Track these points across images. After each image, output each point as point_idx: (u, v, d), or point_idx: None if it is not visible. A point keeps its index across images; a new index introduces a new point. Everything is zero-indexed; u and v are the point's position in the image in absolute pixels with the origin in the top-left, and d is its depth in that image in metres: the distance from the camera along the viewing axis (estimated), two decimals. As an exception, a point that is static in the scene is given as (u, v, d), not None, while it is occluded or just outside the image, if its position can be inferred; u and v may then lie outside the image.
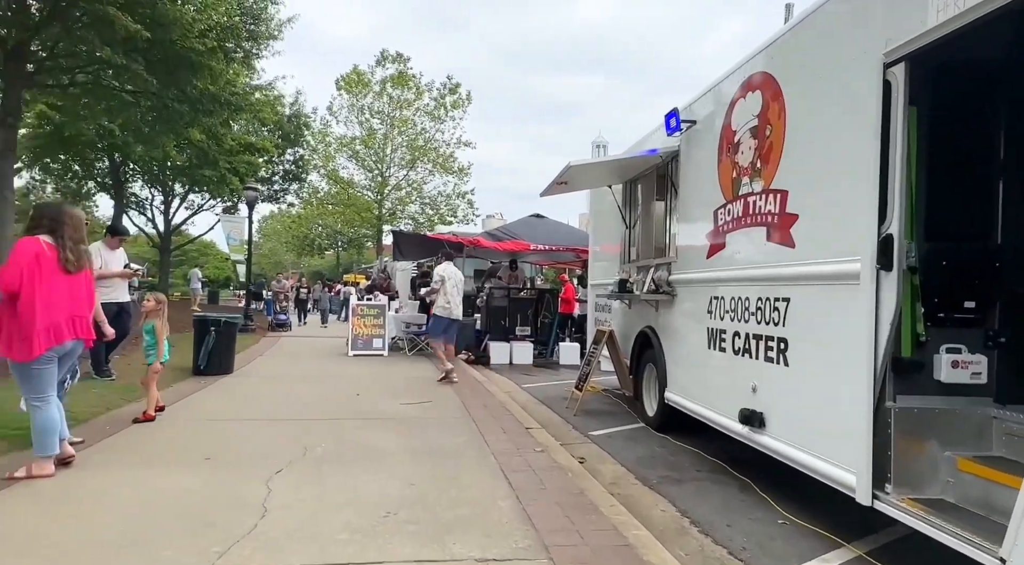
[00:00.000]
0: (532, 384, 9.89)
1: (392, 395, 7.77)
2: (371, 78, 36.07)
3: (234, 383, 8.40)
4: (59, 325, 4.05)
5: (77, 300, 4.24)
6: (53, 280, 4.06)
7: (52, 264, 4.05)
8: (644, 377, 6.91)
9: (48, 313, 3.99)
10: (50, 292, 4.02)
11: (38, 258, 4.00)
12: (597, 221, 9.23)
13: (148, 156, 23.42)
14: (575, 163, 5.97)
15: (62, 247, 4.11)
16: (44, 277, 4.00)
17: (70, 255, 4.14)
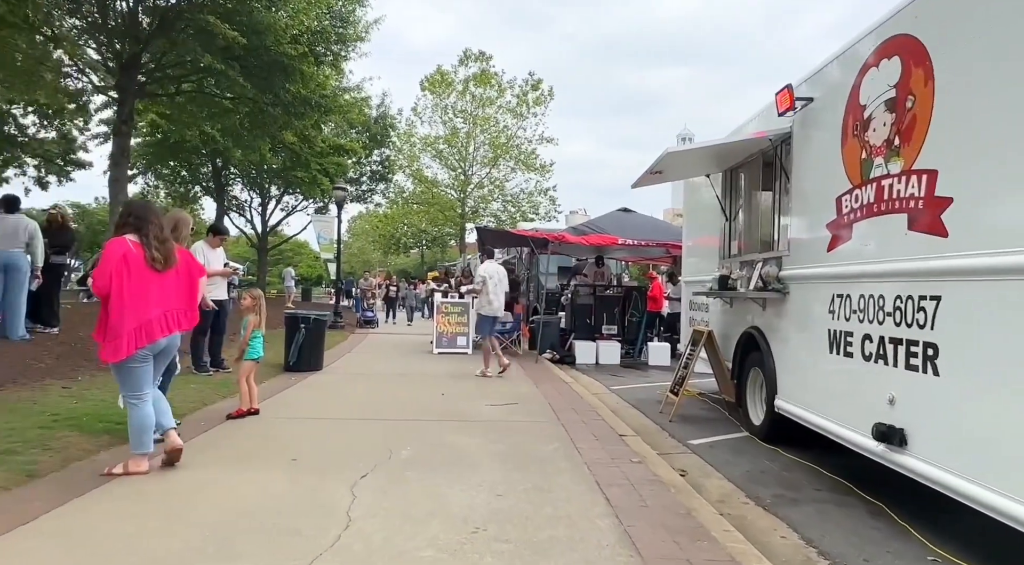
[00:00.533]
0: (621, 386, 9.44)
1: (477, 395, 7.56)
2: (454, 77, 36.40)
3: (322, 380, 8.47)
4: (150, 324, 3.99)
5: (170, 297, 4.18)
6: (141, 279, 4.00)
7: (139, 263, 4.00)
8: (748, 382, 6.33)
9: (137, 313, 3.95)
10: (139, 292, 3.97)
11: (125, 258, 3.95)
12: (692, 214, 8.65)
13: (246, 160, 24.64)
14: (673, 149, 5.51)
15: (148, 246, 4.03)
16: (132, 277, 3.95)
17: (156, 254, 4.05)
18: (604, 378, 10.24)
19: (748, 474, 4.96)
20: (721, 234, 7.32)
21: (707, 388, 8.54)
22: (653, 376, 10.76)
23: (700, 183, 8.12)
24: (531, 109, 36.87)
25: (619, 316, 13.17)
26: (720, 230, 7.35)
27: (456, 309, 12.78)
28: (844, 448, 4.47)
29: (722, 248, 7.31)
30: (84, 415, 5.26)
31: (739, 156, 6.61)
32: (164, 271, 4.13)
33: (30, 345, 7.80)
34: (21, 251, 8.12)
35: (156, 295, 4.09)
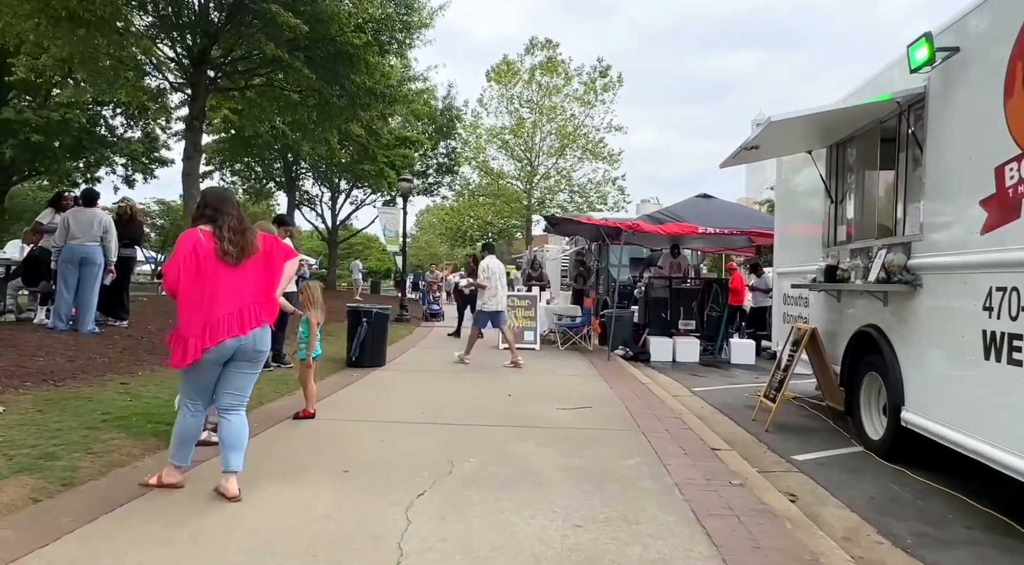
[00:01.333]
0: (703, 387, 8.62)
1: (546, 396, 6.98)
2: (520, 67, 35.77)
3: (384, 377, 8.09)
4: (218, 323, 3.49)
5: (245, 292, 3.64)
6: (211, 273, 3.52)
7: (210, 256, 3.52)
8: (862, 389, 5.44)
9: (204, 311, 3.49)
10: (207, 287, 3.51)
11: (194, 250, 3.50)
12: (786, 198, 7.72)
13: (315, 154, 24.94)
14: (778, 118, 4.70)
15: (220, 238, 3.55)
16: (202, 270, 3.49)
17: (229, 247, 3.55)
18: (683, 378, 9.43)
19: (874, 502, 4.14)
20: (824, 219, 6.41)
21: (801, 391, 7.63)
22: (737, 376, 9.86)
23: (797, 163, 7.20)
24: (599, 96, 35.85)
25: (697, 310, 12.26)
26: (823, 214, 6.45)
27: (523, 302, 12.22)
28: (989, 471, 3.63)
29: (825, 235, 6.40)
30: (135, 414, 5.01)
31: (850, 127, 5.71)
32: (239, 264, 3.60)
33: (98, 339, 7.79)
34: (96, 245, 8.13)
35: (228, 291, 3.56)
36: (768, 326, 12.91)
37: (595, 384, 8.02)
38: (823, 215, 6.43)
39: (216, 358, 3.56)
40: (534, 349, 11.75)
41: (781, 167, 7.76)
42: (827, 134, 6.04)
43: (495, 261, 9.75)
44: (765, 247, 13.14)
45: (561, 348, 12.00)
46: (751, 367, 10.98)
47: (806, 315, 6.87)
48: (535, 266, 15.06)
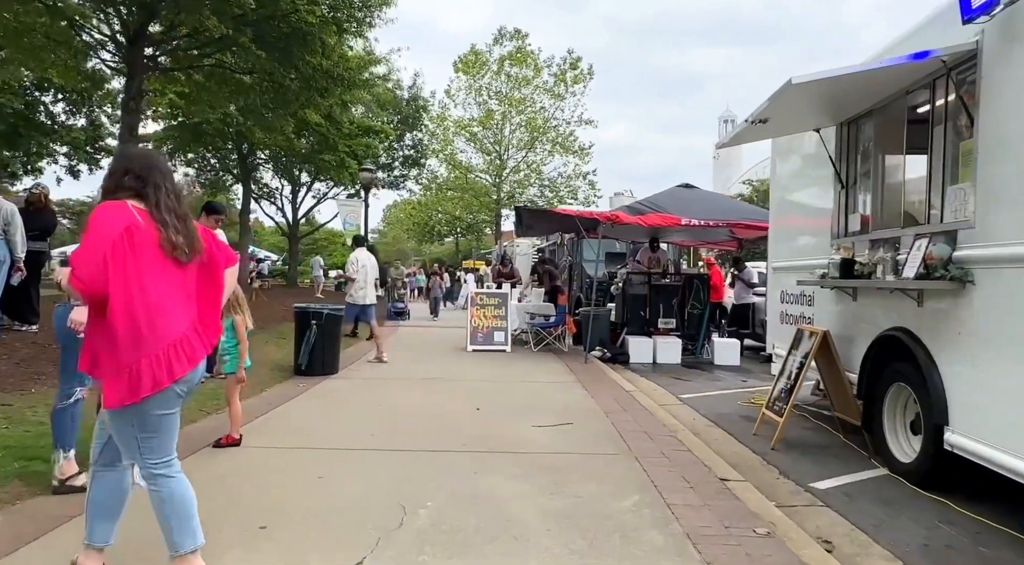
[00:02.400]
0: (690, 393, 7.85)
1: (520, 409, 6.10)
2: (489, 57, 34.83)
3: (335, 388, 7.11)
4: (188, 343, 2.45)
5: (192, 302, 2.55)
6: (159, 275, 2.41)
7: (152, 247, 2.39)
8: (886, 403, 4.70)
9: (160, 327, 2.38)
10: (159, 289, 2.40)
11: (129, 235, 2.34)
12: (785, 184, 6.98)
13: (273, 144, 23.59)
14: (799, 79, 3.89)
15: (163, 223, 2.43)
16: (144, 267, 2.36)
17: (175, 236, 2.43)
18: (668, 382, 8.66)
19: (928, 550, 3.37)
20: (834, 206, 5.66)
21: (799, 397, 6.91)
22: (724, 379, 9.14)
23: (797, 144, 6.45)
24: (569, 89, 35.12)
25: (678, 308, 11.53)
26: (831, 202, 5.70)
27: (492, 301, 11.33)
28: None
29: (836, 224, 5.65)
30: (4, 447, 3.97)
31: (867, 100, 4.95)
32: (187, 264, 2.51)
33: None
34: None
35: (179, 301, 2.49)
36: (751, 324, 12.30)
37: (574, 392, 7.18)
38: (832, 202, 5.68)
39: (187, 390, 2.50)
40: (505, 351, 10.88)
41: (777, 150, 7.02)
42: (839, 109, 5.28)
43: (365, 254, 9.62)
44: (747, 241, 12.50)
45: (534, 349, 11.16)
46: (736, 368, 10.29)
47: (810, 315, 6.13)
48: (505, 262, 14.18)
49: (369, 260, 9.54)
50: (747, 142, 5.78)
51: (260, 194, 31.39)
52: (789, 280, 6.66)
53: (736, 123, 22.29)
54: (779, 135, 5.89)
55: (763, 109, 4.57)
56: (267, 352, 9.14)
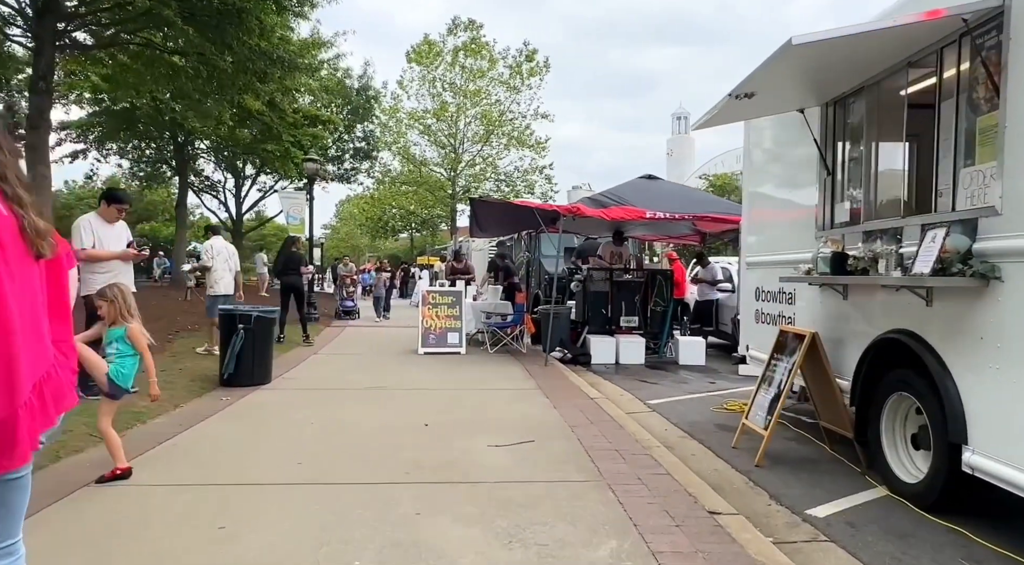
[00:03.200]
0: (658, 398, 7.29)
1: (474, 424, 5.40)
2: (443, 47, 33.83)
3: (263, 402, 6.26)
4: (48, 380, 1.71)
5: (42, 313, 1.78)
6: (18, 273, 1.63)
7: (14, 238, 1.64)
8: (885, 413, 4.18)
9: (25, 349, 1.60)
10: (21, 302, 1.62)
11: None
12: (760, 172, 6.46)
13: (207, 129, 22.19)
14: (800, 40, 3.28)
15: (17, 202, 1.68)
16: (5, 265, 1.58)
17: (36, 222, 1.70)
18: (633, 385, 8.10)
19: (961, 601, 2.82)
20: (819, 195, 5.14)
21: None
22: (691, 381, 8.64)
23: (775, 128, 5.94)
24: (525, 81, 34.44)
25: (640, 305, 11.01)
26: (816, 190, 5.18)
27: (445, 299, 10.57)
28: None
29: (821, 215, 5.13)
30: None
31: (860, 74, 4.42)
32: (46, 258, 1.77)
33: None
34: None
35: (41, 312, 1.74)
36: (715, 321, 11.90)
37: (534, 401, 6.51)
38: (816, 191, 5.16)
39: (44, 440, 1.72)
40: (459, 353, 10.14)
41: (752, 136, 6.49)
42: (826, 86, 4.75)
43: (221, 242, 9.26)
44: (711, 235, 12.09)
45: (491, 351, 10.46)
46: (702, 368, 9.82)
47: (791, 314, 5.61)
48: (459, 257, 13.42)
49: (226, 248, 9.13)
50: (723, 123, 5.21)
51: (202, 187, 29.75)
52: (766, 276, 6.15)
53: (684, 122, 22.33)
54: (759, 115, 5.34)
55: (752, 79, 3.97)
56: (193, 360, 8.19)
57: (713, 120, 4.96)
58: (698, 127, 5.06)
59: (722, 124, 5.24)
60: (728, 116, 5.03)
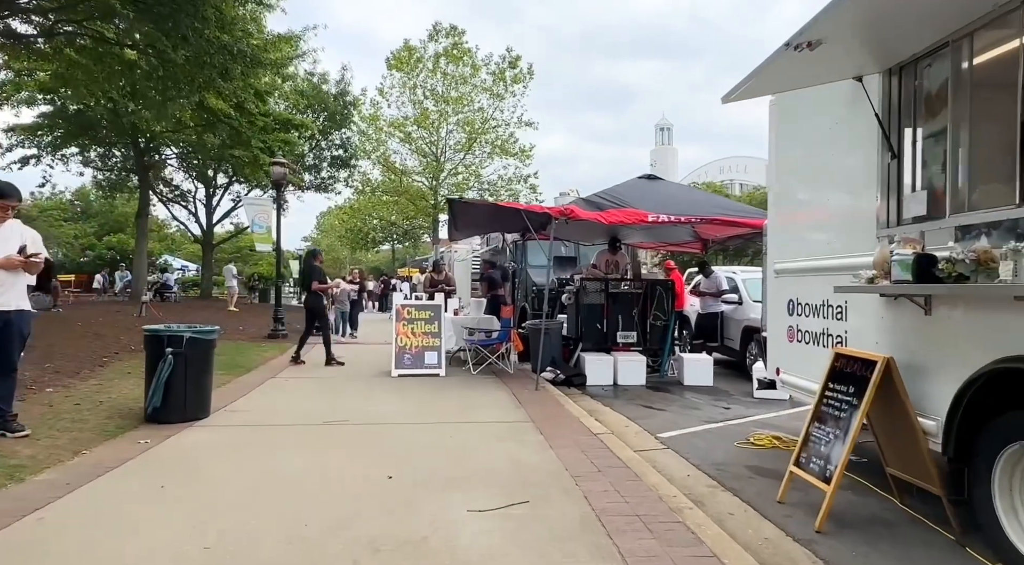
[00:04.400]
0: (670, 430, 6.21)
1: (451, 476, 4.26)
2: (423, 53, 32.87)
3: (190, 446, 5.06)
4: None
5: None
6: None
7: None
8: (999, 469, 3.13)
9: None
10: None
11: None
12: (794, 161, 5.42)
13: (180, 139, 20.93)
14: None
15: None
16: None
17: None
18: (637, 413, 7.01)
19: None
20: (878, 184, 4.12)
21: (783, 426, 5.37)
22: (702, 406, 7.58)
23: (814, 106, 4.92)
24: (509, 88, 33.54)
25: (639, 319, 9.97)
26: (875, 178, 4.15)
27: (423, 314, 9.43)
28: None
29: (884, 208, 4.10)
30: None
31: (948, 25, 3.41)
32: None
33: None
34: None
35: None
36: (720, 335, 10.88)
37: (526, 438, 5.39)
38: (876, 178, 4.13)
39: None
40: (438, 375, 9.00)
41: (781, 119, 5.47)
42: (896, 44, 3.74)
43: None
44: (714, 241, 11.11)
45: (474, 372, 9.32)
46: (711, 390, 8.78)
47: (841, 333, 4.57)
48: (438, 268, 12.29)
49: None
50: (756, 95, 4.18)
51: (171, 197, 28.35)
52: (804, 285, 5.11)
53: (668, 134, 21.04)
54: (804, 84, 4.31)
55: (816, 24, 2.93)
56: (122, 389, 6.96)
57: (750, 90, 3.93)
58: (731, 98, 4.02)
59: (756, 96, 4.21)
60: (767, 84, 4.01)
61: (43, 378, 7.01)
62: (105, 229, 38.78)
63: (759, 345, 9.37)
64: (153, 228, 40.54)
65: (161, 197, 27.98)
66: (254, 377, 8.55)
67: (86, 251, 34.91)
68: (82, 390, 6.74)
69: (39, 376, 7.07)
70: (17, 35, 11.87)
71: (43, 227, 33.08)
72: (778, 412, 7.25)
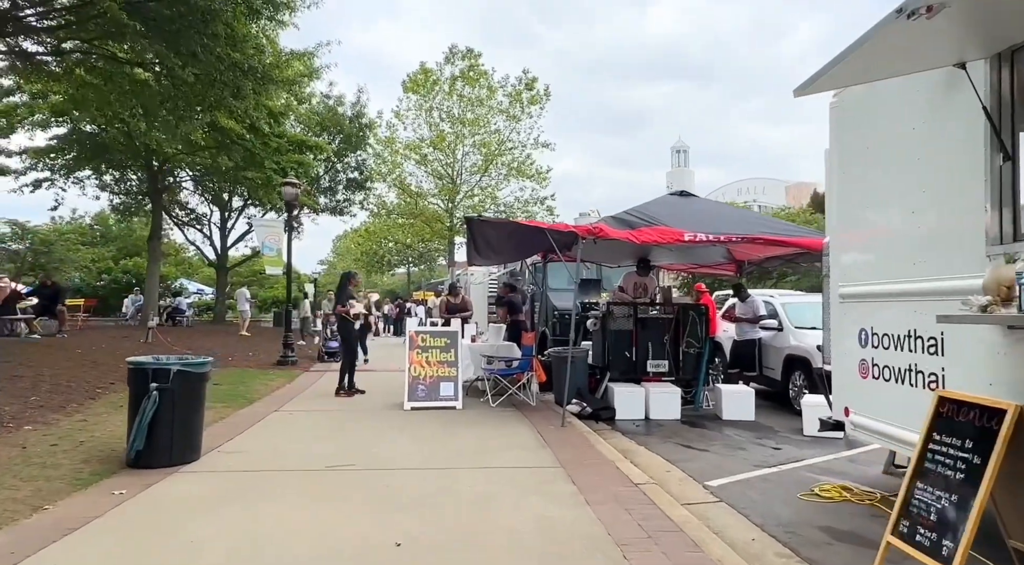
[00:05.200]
0: (719, 477, 5.44)
1: (471, 542, 3.55)
2: (440, 76, 32.77)
3: (170, 498, 4.40)
4: None
5: None
6: None
7: None
8: None
9: None
10: None
11: None
12: (865, 168, 4.71)
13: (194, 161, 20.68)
14: None
15: None
16: None
17: None
18: (677, 454, 6.26)
19: None
20: (988, 194, 3.41)
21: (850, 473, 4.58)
22: (748, 446, 6.79)
23: (898, 101, 4.24)
24: (525, 109, 33.26)
25: (670, 347, 9.21)
26: (981, 187, 3.44)
27: (439, 342, 8.77)
28: None
29: (994, 221, 3.39)
30: None
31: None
32: None
33: None
34: None
35: None
36: (758, 364, 10.07)
37: (555, 489, 4.66)
38: (984, 185, 3.43)
39: None
40: (455, 408, 8.30)
41: (845, 115, 4.78)
42: (1010, 26, 3.06)
43: None
44: (751, 263, 10.37)
45: (493, 404, 8.60)
46: (753, 426, 7.99)
47: (937, 370, 3.82)
48: (455, 291, 11.65)
49: None
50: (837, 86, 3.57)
51: (187, 220, 28.18)
52: (883, 312, 4.38)
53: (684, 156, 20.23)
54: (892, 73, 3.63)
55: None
56: (109, 426, 6.34)
57: (831, 79, 3.26)
58: (807, 90, 3.35)
59: (834, 87, 3.59)
60: (851, 72, 3.33)
61: (24, 413, 6.42)
62: (123, 253, 38.80)
63: (810, 377, 8.58)
64: (170, 252, 40.55)
65: (177, 221, 27.82)
66: (256, 410, 7.92)
67: (102, 275, 34.80)
68: (64, 427, 6.13)
69: (20, 411, 6.48)
70: (27, 54, 11.60)
71: (61, 251, 33.14)
72: (836, 454, 6.44)
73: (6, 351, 9.83)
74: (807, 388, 8.69)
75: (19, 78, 13.88)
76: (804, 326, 9.35)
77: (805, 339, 8.93)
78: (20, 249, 33.64)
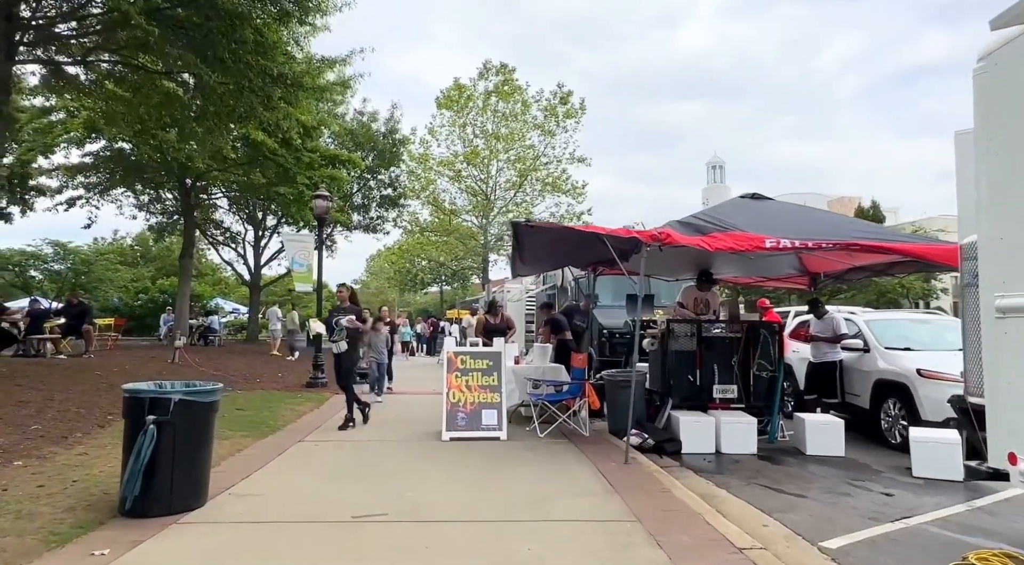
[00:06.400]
0: (833, 535, 4.37)
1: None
2: (474, 91, 32.34)
3: (168, 557, 3.55)
4: None
5: None
6: None
7: None
8: None
9: None
10: None
11: None
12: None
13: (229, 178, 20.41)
14: None
15: None
16: None
17: None
18: (765, 499, 5.21)
19: None
20: None
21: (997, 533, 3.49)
22: (851, 491, 5.68)
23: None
24: (561, 123, 32.54)
25: (739, 369, 8.14)
26: None
27: (480, 364, 7.87)
28: None
29: None
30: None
31: None
32: None
33: None
34: None
35: None
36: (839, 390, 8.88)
37: (636, 557, 3.67)
38: None
39: None
40: (499, 439, 7.37)
41: (1003, 80, 3.77)
42: None
43: None
44: (826, 274, 9.26)
45: (541, 434, 7.64)
46: (844, 462, 6.87)
47: None
48: (494, 310, 10.74)
49: None
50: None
51: (223, 239, 28.08)
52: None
53: (720, 171, 18.61)
54: None
55: None
56: (104, 462, 5.55)
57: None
58: (1000, 24, 2.40)
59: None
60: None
61: (19, 445, 5.71)
62: (161, 273, 39.13)
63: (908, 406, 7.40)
64: (207, 271, 40.74)
65: (211, 240, 27.71)
66: (278, 440, 7.11)
67: (139, 295, 35.02)
68: (59, 463, 5.38)
69: (16, 442, 5.78)
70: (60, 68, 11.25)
71: (100, 271, 33.47)
72: (964, 503, 5.30)
73: (22, 372, 9.28)
74: (904, 419, 7.53)
75: (51, 93, 13.65)
76: (894, 346, 8.20)
77: (899, 361, 7.78)
78: (61, 269, 34.14)
